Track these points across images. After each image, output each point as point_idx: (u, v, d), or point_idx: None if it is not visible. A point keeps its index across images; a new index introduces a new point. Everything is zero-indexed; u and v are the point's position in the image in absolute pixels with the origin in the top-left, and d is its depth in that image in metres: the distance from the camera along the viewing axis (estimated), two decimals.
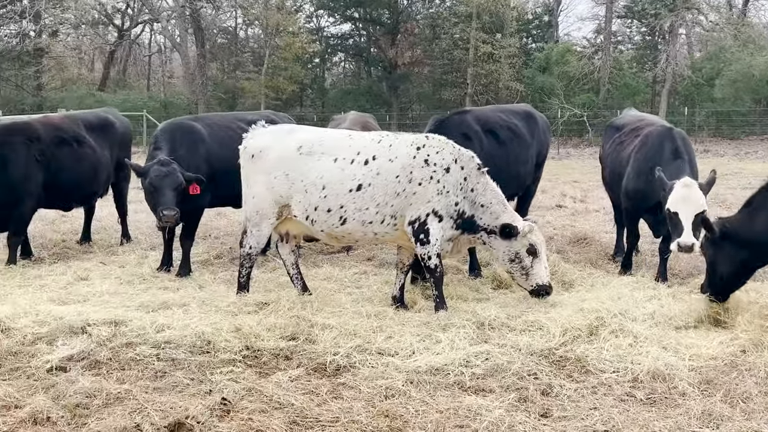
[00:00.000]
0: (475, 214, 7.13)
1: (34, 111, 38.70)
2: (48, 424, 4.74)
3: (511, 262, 7.20)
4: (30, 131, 9.27)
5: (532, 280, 7.18)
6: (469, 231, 7.20)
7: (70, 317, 6.63)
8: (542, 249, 7.20)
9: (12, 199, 8.88)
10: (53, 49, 47.79)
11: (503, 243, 7.14)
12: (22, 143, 9.04)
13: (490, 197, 7.16)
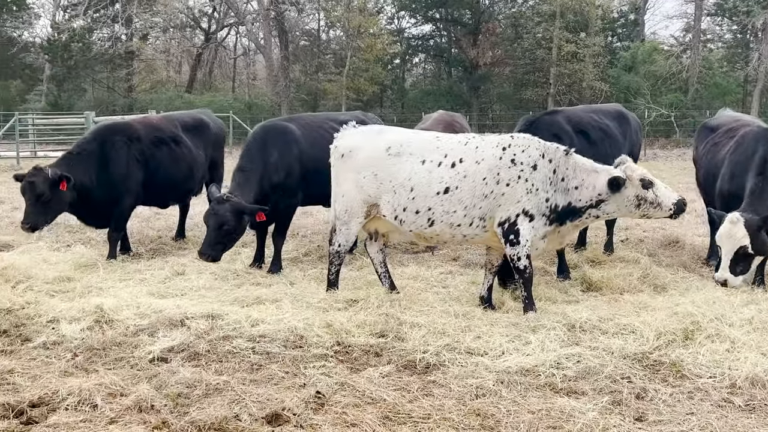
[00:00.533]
0: (571, 200, 6.96)
1: (125, 112, 40.20)
2: (152, 412, 4.94)
3: (639, 207, 6.96)
4: (131, 131, 9.68)
5: (666, 205, 6.92)
6: (572, 218, 7.05)
7: (170, 310, 6.90)
8: (648, 174, 7.00)
9: (113, 196, 9.28)
10: (143, 52, 49.61)
11: (619, 199, 6.92)
12: (124, 142, 9.45)
13: (581, 175, 6.96)
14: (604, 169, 7.02)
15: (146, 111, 32.90)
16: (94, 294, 7.64)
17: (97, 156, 9.28)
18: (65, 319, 6.73)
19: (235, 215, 8.14)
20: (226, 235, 8.19)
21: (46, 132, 31.26)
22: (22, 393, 5.20)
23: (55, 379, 5.43)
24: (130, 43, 46.57)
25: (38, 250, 9.68)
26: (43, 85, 49.97)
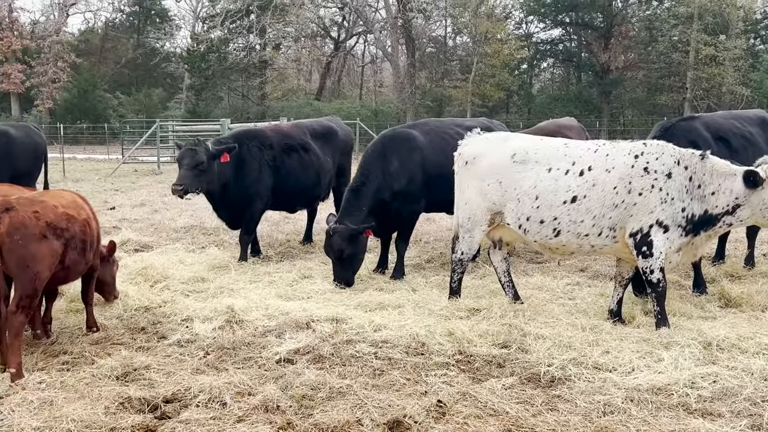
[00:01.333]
0: (708, 207, 6.58)
1: (257, 119, 41.71)
2: (278, 412, 5.06)
3: None
4: (264, 138, 10.02)
5: None
6: (707, 227, 6.67)
7: (296, 313, 7.08)
8: None
9: (245, 200, 9.62)
10: (276, 61, 51.38)
11: (755, 202, 6.49)
12: (258, 148, 9.79)
13: (718, 180, 6.56)
14: (741, 170, 6.58)
15: (278, 118, 33.98)
16: (226, 295, 7.94)
17: (235, 157, 9.62)
18: (198, 318, 7.03)
19: (347, 242, 8.37)
20: (348, 260, 8.44)
21: (184, 138, 32.70)
22: (157, 388, 5.46)
23: (188, 377, 5.66)
24: (263, 53, 48.35)
25: (175, 251, 10.18)
26: (182, 93, 52.75)
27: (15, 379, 5.52)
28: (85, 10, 60.45)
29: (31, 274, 5.68)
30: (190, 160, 9.22)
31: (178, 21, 59.59)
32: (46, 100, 50.45)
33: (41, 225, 5.75)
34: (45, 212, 5.85)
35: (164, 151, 30.93)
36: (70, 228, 6.03)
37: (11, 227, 5.60)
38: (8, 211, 5.64)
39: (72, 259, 6.09)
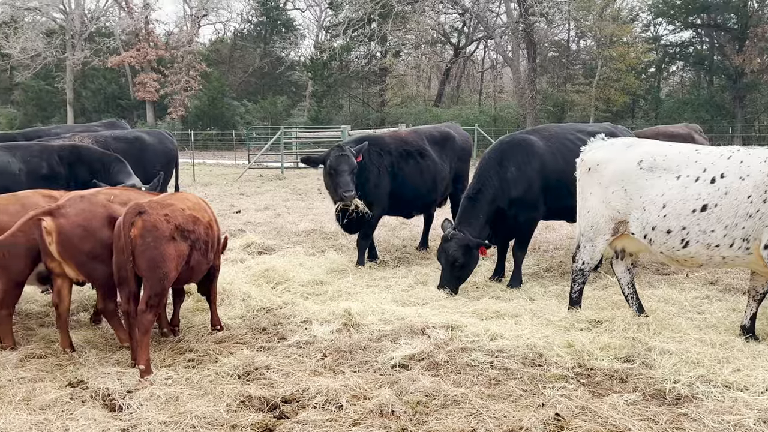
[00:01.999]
0: None
1: (377, 126, 42.25)
2: (392, 417, 5.07)
3: None
4: (382, 144, 10.11)
5: None
6: None
7: (412, 318, 7.09)
8: None
9: (365, 205, 9.68)
10: (396, 68, 51.84)
11: None
12: (377, 154, 9.89)
13: None
14: None
15: (397, 125, 34.29)
16: (344, 298, 8.05)
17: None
18: (317, 321, 7.16)
19: (462, 251, 8.30)
20: (459, 270, 8.39)
21: (307, 144, 33.71)
22: (276, 388, 5.59)
23: (306, 378, 5.78)
24: (383, 60, 48.92)
25: (296, 254, 10.43)
26: (305, 101, 54.11)
27: (144, 375, 5.79)
28: (216, 22, 63.22)
29: (160, 274, 5.95)
30: (348, 166, 9.36)
31: (303, 30, 61.39)
32: (179, 108, 52.97)
33: (171, 227, 6.02)
34: (174, 215, 6.11)
35: (287, 156, 31.82)
36: (196, 230, 6.28)
37: (144, 229, 5.88)
38: (141, 215, 5.93)
39: (196, 259, 6.34)
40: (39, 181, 7.46)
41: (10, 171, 7.39)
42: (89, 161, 8.01)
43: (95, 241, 6.13)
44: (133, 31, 54.27)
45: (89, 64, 54.74)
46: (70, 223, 6.08)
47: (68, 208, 6.15)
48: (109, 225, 6.16)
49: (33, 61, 54.09)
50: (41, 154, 7.76)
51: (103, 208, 6.27)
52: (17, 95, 58.54)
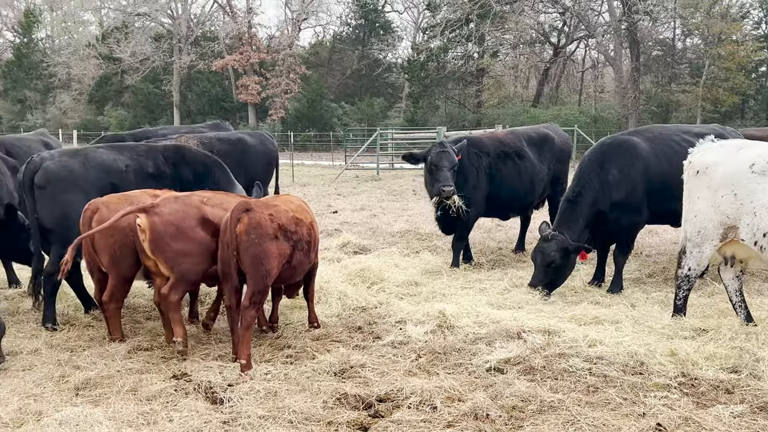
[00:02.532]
0: None
1: (473, 127, 41.99)
2: (487, 421, 5.03)
3: None
4: (481, 145, 10.04)
5: None
6: None
7: (507, 322, 7.01)
8: None
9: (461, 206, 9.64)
10: (493, 68, 51.34)
11: None
12: (475, 155, 9.83)
13: None
14: None
15: (493, 126, 34.00)
16: (438, 299, 8.03)
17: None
18: (411, 321, 7.18)
19: (560, 253, 8.15)
20: (554, 272, 8.24)
21: (402, 145, 33.82)
22: (371, 387, 5.65)
23: (401, 378, 5.81)
24: (481, 61, 48.52)
25: (391, 254, 10.48)
26: (401, 102, 54.33)
27: (245, 370, 5.96)
28: (316, 25, 64.13)
29: (263, 271, 6.11)
30: (449, 162, 9.36)
31: (400, 32, 61.58)
32: (279, 110, 54.17)
33: (275, 226, 6.18)
34: (278, 215, 6.27)
35: (383, 158, 32.04)
36: (298, 231, 6.41)
37: (249, 226, 6.07)
38: (247, 212, 6.12)
39: (298, 259, 6.47)
40: (146, 179, 7.76)
41: (116, 168, 7.67)
42: (193, 163, 8.26)
43: (186, 240, 6.30)
44: (237, 35, 55.85)
45: (195, 68, 56.70)
46: (163, 221, 6.25)
47: (162, 207, 6.33)
48: (201, 226, 6.36)
49: (142, 65, 56.48)
50: (147, 154, 8.04)
51: (196, 209, 6.41)
52: (127, 97, 61.21)
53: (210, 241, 6.39)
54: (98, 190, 7.32)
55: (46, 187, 7.33)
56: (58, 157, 7.57)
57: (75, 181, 7.39)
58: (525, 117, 43.17)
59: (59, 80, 61.90)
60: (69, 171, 7.43)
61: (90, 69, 60.25)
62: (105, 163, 7.64)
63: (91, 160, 7.60)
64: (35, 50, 67.41)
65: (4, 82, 67.67)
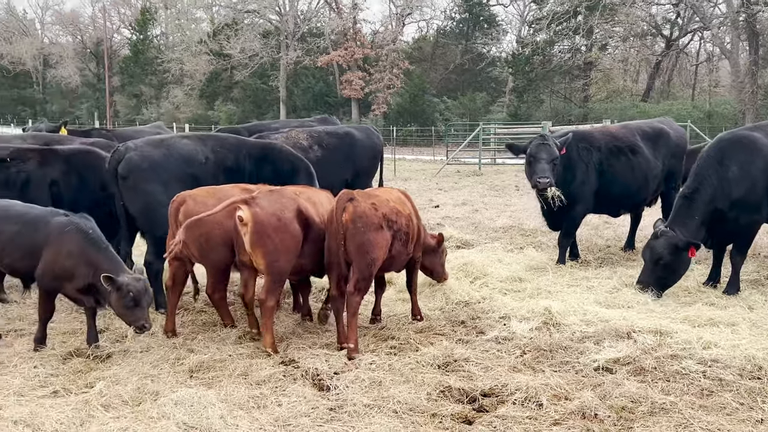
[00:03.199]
0: None
1: (579, 122, 41.02)
2: (595, 420, 4.93)
3: None
4: (591, 140, 9.76)
5: None
6: None
7: (616, 321, 6.83)
8: None
9: (569, 202, 9.39)
10: (601, 62, 49.98)
11: None
12: (586, 150, 9.57)
13: None
14: None
15: (600, 120, 33.12)
16: (543, 296, 7.90)
17: (563, 158, 9.38)
18: (515, 317, 7.11)
19: (669, 250, 7.86)
20: (663, 270, 7.97)
21: (505, 140, 33.40)
22: (475, 381, 5.63)
23: (505, 373, 5.77)
24: (588, 54, 47.34)
25: (494, 250, 10.39)
26: (505, 96, 53.72)
27: (352, 353, 6.08)
28: (420, 20, 64.16)
29: (368, 260, 6.21)
30: (548, 154, 9.09)
31: (505, 26, 60.87)
32: (381, 105, 54.57)
33: (379, 216, 6.26)
34: (381, 205, 6.36)
35: (485, 153, 31.78)
36: (398, 221, 6.48)
37: (354, 215, 6.18)
38: (351, 201, 6.22)
39: (397, 249, 6.55)
40: (224, 172, 7.89)
41: (197, 160, 7.86)
42: (278, 161, 8.26)
43: (286, 232, 6.25)
44: (342, 31, 56.60)
45: (300, 63, 57.81)
46: (265, 213, 6.22)
47: (262, 199, 6.31)
48: (297, 218, 6.33)
49: (251, 61, 58.08)
50: (230, 147, 8.16)
51: (293, 201, 6.41)
52: (236, 93, 63.08)
53: (301, 235, 6.37)
54: (178, 181, 7.53)
55: (128, 177, 7.62)
56: (142, 147, 7.80)
57: (155, 172, 7.63)
58: (634, 112, 41.89)
59: (172, 76, 64.51)
60: (150, 162, 7.66)
61: (201, 65, 62.48)
62: (186, 154, 7.85)
63: (173, 151, 7.83)
64: (150, 47, 70.51)
65: (121, 77, 71.11)
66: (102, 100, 68.39)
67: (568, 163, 9.44)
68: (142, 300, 5.97)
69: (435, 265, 7.57)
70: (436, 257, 7.54)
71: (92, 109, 68.34)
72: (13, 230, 6.25)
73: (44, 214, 6.40)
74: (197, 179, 7.62)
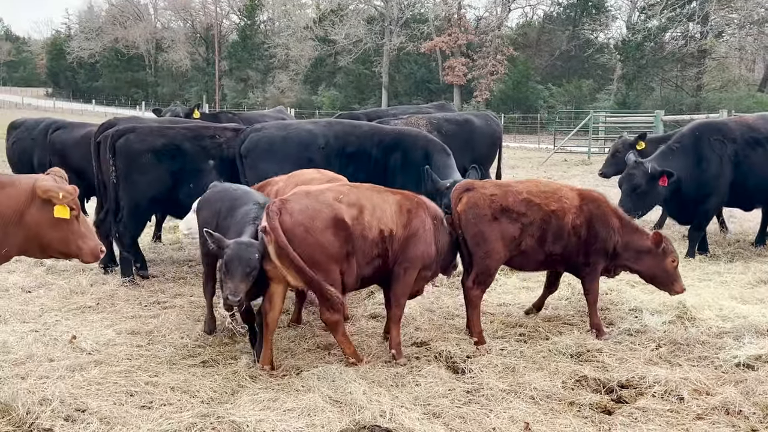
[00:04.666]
0: None
1: (691, 111, 39.57)
2: (740, 417, 4.83)
3: None
4: (726, 131, 9.41)
5: None
6: None
7: (755, 317, 6.61)
8: None
9: (702, 195, 9.14)
10: (716, 50, 47.98)
11: None
12: (719, 142, 9.27)
13: None
14: None
15: (715, 111, 31.84)
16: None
17: (693, 153, 9.23)
18: (647, 310, 6.97)
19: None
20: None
21: (614, 129, 32.63)
22: (611, 372, 5.59)
23: (641, 366, 5.69)
24: (703, 42, 45.56)
25: None
26: (613, 84, 52.31)
27: (478, 345, 6.11)
28: (525, 5, 63.17)
29: (482, 252, 6.18)
30: (627, 185, 9.05)
31: (614, 12, 59.12)
32: (484, 92, 54.19)
33: (495, 207, 6.18)
34: (504, 196, 6.23)
35: (594, 142, 31.11)
36: (529, 214, 6.25)
37: (467, 206, 6.17)
38: (467, 192, 6.23)
39: (528, 245, 6.29)
40: (343, 158, 8.14)
41: (315, 144, 8.16)
42: (409, 148, 8.31)
43: (314, 243, 5.35)
44: (446, 17, 56.43)
45: (404, 49, 58.02)
46: (293, 221, 5.35)
47: (293, 204, 5.46)
48: (334, 227, 5.40)
49: (355, 47, 58.76)
50: (359, 134, 8.34)
51: (329, 207, 5.46)
52: (339, 78, 63.94)
53: (338, 245, 5.46)
54: (294, 163, 7.80)
55: (248, 156, 8.13)
56: (266, 130, 8.32)
57: (272, 153, 8.03)
58: (751, 102, 40.15)
59: (278, 61, 65.99)
60: (268, 143, 8.12)
61: (306, 50, 63.65)
62: (305, 138, 8.21)
63: (293, 135, 8.25)
64: (257, 32, 72.30)
65: (229, 62, 73.18)
66: (210, 84, 70.71)
67: (700, 157, 9.19)
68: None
69: (653, 269, 6.51)
70: (652, 260, 6.49)
71: (201, 93, 70.66)
72: None
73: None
74: (314, 163, 7.92)
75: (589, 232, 6.37)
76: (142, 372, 5.48)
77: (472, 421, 4.78)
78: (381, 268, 5.69)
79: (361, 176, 7.56)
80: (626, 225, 6.52)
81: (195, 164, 8.18)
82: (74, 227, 5.07)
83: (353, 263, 5.51)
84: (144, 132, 8.22)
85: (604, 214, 6.43)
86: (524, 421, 4.74)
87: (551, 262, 6.57)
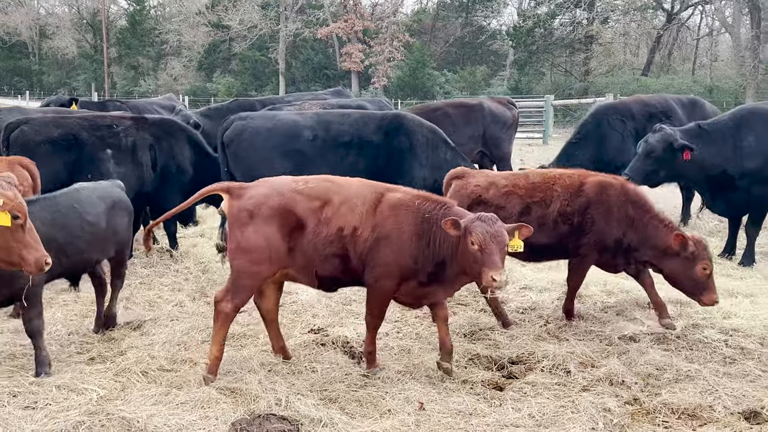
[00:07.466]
0: None
1: (580, 96, 40.96)
2: (623, 387, 5.08)
3: None
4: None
5: None
6: None
7: (636, 292, 6.94)
8: None
9: (754, 181, 8.27)
10: (602, 35, 49.77)
11: None
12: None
13: None
14: None
15: (602, 95, 33.09)
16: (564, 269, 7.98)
17: (743, 136, 8.29)
18: (536, 288, 7.22)
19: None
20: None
21: None
22: (501, 349, 5.77)
23: (530, 342, 5.91)
24: (590, 28, 47.16)
25: None
26: (506, 70, 53.53)
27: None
28: None
29: None
30: (643, 149, 8.24)
31: None
32: (381, 78, 54.29)
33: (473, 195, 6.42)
34: (487, 187, 6.41)
35: None
36: (507, 206, 6.24)
37: (454, 192, 6.47)
38: (458, 179, 6.60)
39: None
40: (337, 148, 8.11)
41: (303, 136, 8.13)
42: (410, 132, 8.27)
43: (254, 230, 5.08)
44: (342, 3, 56.21)
45: (300, 36, 57.44)
46: (239, 206, 5.15)
47: (251, 189, 5.23)
48: (279, 216, 5.07)
49: (249, 33, 57.69)
50: (352, 122, 8.29)
51: (280, 196, 5.12)
52: (234, 65, 62.70)
53: (280, 235, 5.12)
54: (281, 154, 7.91)
55: (230, 145, 8.16)
56: (250, 119, 8.31)
57: (255, 143, 8.04)
58: (635, 86, 41.80)
59: (170, 47, 64.10)
60: (252, 133, 8.11)
61: (199, 36, 62.08)
62: (291, 129, 8.19)
63: (279, 126, 8.22)
64: (147, 17, 69.93)
65: (118, 48, 70.53)
66: (99, 72, 67.91)
67: (754, 141, 8.24)
68: None
69: (676, 274, 5.95)
70: (677, 264, 5.91)
71: (90, 81, 67.85)
72: None
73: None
74: (302, 154, 8.04)
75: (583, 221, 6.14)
76: (26, 371, 5.26)
77: (368, 404, 4.83)
78: (343, 269, 5.13)
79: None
80: (647, 219, 6.05)
81: (92, 154, 8.08)
82: (18, 236, 4.70)
83: (299, 258, 5.11)
84: (39, 122, 8.08)
85: (608, 205, 6.08)
86: (418, 401, 4.82)
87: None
